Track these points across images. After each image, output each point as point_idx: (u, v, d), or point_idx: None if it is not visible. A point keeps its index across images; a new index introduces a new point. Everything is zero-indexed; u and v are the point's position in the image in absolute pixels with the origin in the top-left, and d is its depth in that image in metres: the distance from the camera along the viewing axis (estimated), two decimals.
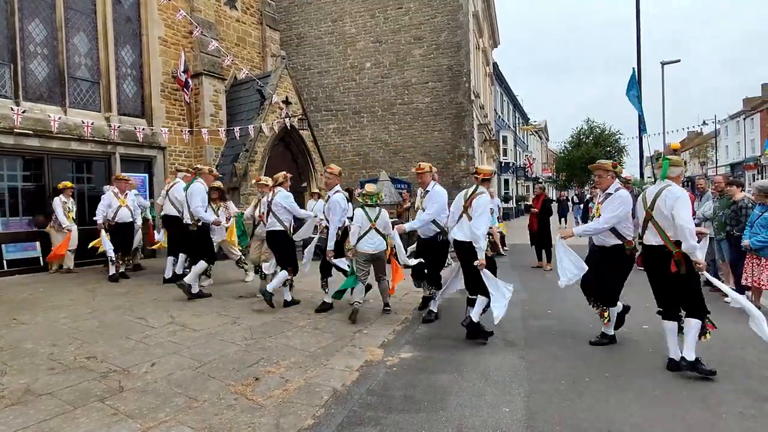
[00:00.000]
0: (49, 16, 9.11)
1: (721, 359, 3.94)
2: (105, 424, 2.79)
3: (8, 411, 2.95)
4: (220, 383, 3.40)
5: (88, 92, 9.76)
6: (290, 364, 3.78)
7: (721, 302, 6.05)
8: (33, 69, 8.89)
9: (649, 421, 2.89)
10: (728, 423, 2.87)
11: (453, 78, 14.57)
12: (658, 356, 4.00)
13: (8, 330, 4.77)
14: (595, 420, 2.91)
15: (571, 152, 36.25)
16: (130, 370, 3.65)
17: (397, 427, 2.83)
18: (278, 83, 11.35)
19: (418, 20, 14.90)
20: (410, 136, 15.23)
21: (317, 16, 16.05)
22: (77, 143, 9.14)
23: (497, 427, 2.83)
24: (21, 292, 6.78)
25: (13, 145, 8.35)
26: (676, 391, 3.33)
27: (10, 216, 8.48)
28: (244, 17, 13.17)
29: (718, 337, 4.53)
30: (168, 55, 10.83)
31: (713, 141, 45.06)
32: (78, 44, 9.61)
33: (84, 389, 3.28)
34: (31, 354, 4.02)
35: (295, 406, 3.05)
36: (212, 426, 2.78)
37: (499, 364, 3.89)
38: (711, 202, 6.88)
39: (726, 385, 3.42)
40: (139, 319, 5.19)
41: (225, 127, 11.20)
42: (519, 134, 35.28)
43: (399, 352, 4.19)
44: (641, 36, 12.31)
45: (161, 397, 3.17)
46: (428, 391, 3.34)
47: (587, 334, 4.65)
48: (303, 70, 16.20)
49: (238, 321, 5.09)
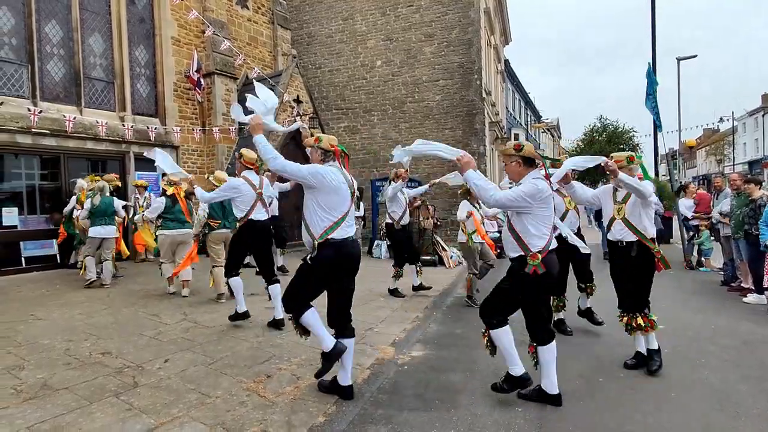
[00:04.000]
0: (65, 17, 9.25)
1: (738, 360, 3.86)
2: (120, 419, 2.83)
3: (26, 405, 3.00)
4: (232, 380, 3.42)
5: (103, 92, 9.90)
6: (302, 362, 3.80)
7: (739, 302, 5.95)
8: (50, 69, 9.04)
9: (664, 423, 2.84)
10: (745, 425, 2.81)
11: (464, 75, 14.47)
12: (674, 356, 3.94)
13: (26, 326, 4.87)
14: (608, 420, 2.87)
15: (583, 150, 35.81)
16: (144, 366, 3.69)
17: (408, 426, 2.83)
18: (289, 82, 11.40)
19: (429, 18, 14.83)
20: (421, 134, 15.14)
21: (328, 14, 16.05)
22: (93, 142, 9.29)
23: (509, 426, 2.81)
24: (38, 288, 6.92)
25: (31, 145, 8.51)
26: (692, 392, 3.27)
27: (28, 214, 8.66)
28: (255, 16, 13.24)
29: (735, 338, 4.46)
30: (181, 55, 10.94)
31: (730, 138, 44.13)
32: (93, 45, 9.75)
33: (99, 384, 3.33)
34: (48, 349, 4.10)
35: (306, 403, 3.06)
36: (224, 422, 2.80)
37: None
38: (729, 199, 6.75)
39: (743, 386, 3.35)
40: (152, 315, 5.26)
41: (237, 125, 11.29)
42: (531, 132, 34.97)
43: (410, 351, 4.18)
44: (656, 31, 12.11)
45: (174, 393, 3.20)
46: (439, 390, 3.33)
47: (600, 333, 4.60)
48: (314, 68, 16.23)
49: (251, 318, 5.12)
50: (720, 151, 48.96)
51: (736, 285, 6.66)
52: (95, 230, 6.86)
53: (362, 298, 6.15)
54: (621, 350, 4.13)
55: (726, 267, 7.18)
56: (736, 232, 6.20)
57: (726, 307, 5.74)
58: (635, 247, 3.60)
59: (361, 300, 6.00)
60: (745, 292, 6.18)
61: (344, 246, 3.05)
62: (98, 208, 6.85)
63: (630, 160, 3.64)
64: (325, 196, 3.05)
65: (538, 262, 2.85)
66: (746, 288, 6.30)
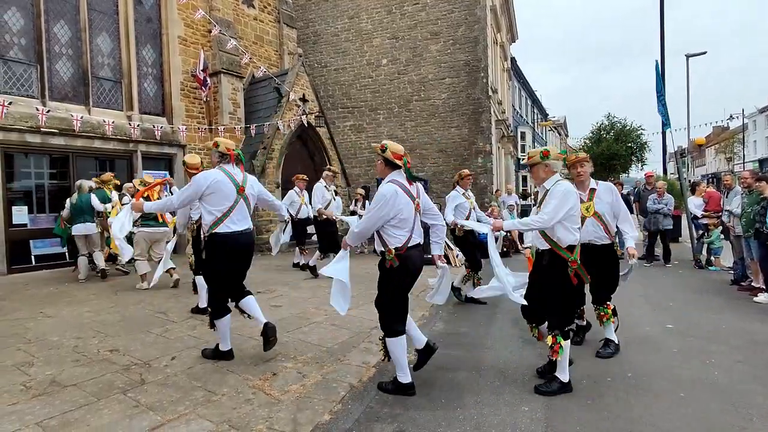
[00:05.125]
0: (73, 17, 9.33)
1: (748, 360, 3.81)
2: (127, 415, 2.84)
3: (35, 401, 3.03)
4: (238, 377, 3.43)
5: (111, 91, 9.97)
6: (307, 360, 3.80)
7: (749, 302, 5.88)
8: (58, 69, 9.12)
9: (673, 423, 2.81)
10: (757, 426, 2.77)
11: (470, 73, 14.41)
12: (684, 356, 3.90)
13: (35, 323, 4.92)
14: (616, 420, 2.84)
15: (591, 148, 35.52)
16: (151, 363, 3.71)
17: (414, 424, 2.82)
18: (295, 81, 11.41)
19: (435, 15, 14.78)
20: (427, 132, 15.13)
21: (334, 13, 16.06)
22: (100, 141, 9.36)
23: (516, 426, 2.79)
24: (47, 286, 6.99)
25: (40, 144, 8.59)
26: (702, 393, 3.22)
27: (37, 213, 8.75)
28: (261, 15, 13.26)
29: (745, 337, 4.40)
30: (187, 54, 10.99)
31: (740, 136, 43.59)
32: (101, 44, 9.83)
33: (107, 381, 3.35)
34: (57, 346, 4.14)
35: (312, 401, 3.06)
36: (230, 420, 2.80)
37: (518, 362, 3.84)
38: (740, 198, 6.66)
39: (755, 386, 3.30)
40: (159, 313, 5.29)
41: (243, 124, 11.32)
42: (537, 130, 34.77)
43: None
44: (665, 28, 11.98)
45: (181, 390, 3.21)
46: (445, 389, 3.32)
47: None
48: (320, 67, 16.25)
49: (251, 318, 5.13)
50: (730, 149, 48.39)
51: (746, 284, 6.57)
52: (76, 228, 7.15)
53: (369, 296, 6.14)
54: (629, 350, 4.09)
55: (736, 266, 7.09)
56: (747, 230, 6.12)
57: (736, 306, 5.67)
58: (547, 255, 3.30)
59: (367, 298, 5.99)
60: (756, 292, 6.10)
61: (230, 238, 3.56)
62: (76, 206, 7.15)
63: (544, 155, 3.26)
64: (207, 197, 3.57)
65: (392, 256, 3.10)
66: (756, 287, 6.22)
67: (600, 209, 3.86)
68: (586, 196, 3.90)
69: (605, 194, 3.92)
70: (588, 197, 3.90)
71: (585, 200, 3.86)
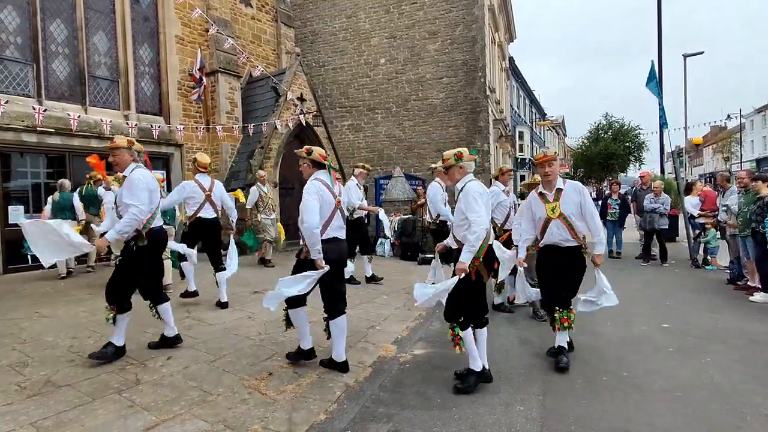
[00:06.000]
0: (69, 16, 9.28)
1: (745, 360, 3.82)
2: (121, 416, 2.83)
3: (29, 402, 3.02)
4: (234, 377, 3.42)
5: (108, 90, 9.93)
6: (303, 360, 3.79)
7: (746, 301, 5.89)
8: (54, 68, 9.08)
9: (669, 422, 2.81)
10: (752, 425, 2.77)
11: (468, 73, 14.41)
12: (680, 355, 3.90)
13: (30, 323, 4.89)
14: (611, 419, 2.84)
15: (589, 148, 35.59)
16: (147, 363, 3.70)
17: (410, 424, 2.81)
18: (293, 80, 11.38)
19: (432, 15, 14.77)
20: (424, 132, 15.12)
21: (331, 12, 16.04)
22: (97, 141, 9.31)
23: (511, 425, 2.79)
24: (43, 286, 6.96)
25: (37, 143, 8.55)
26: (698, 392, 3.23)
27: (33, 212, 8.70)
28: (259, 15, 13.23)
29: (742, 337, 4.41)
30: (185, 53, 10.95)
31: (737, 135, 43.70)
32: (98, 43, 9.78)
33: (102, 381, 3.34)
34: (52, 346, 4.12)
35: (307, 401, 3.06)
36: (226, 420, 2.80)
37: (514, 362, 3.84)
38: (736, 196, 6.68)
39: (752, 385, 3.31)
40: (155, 313, 5.26)
41: (240, 124, 11.30)
42: (535, 130, 34.78)
43: (412, 349, 4.16)
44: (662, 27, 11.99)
45: (176, 390, 3.21)
46: (441, 388, 3.31)
47: (604, 332, 4.56)
48: (317, 66, 16.23)
49: (253, 316, 5.12)
50: (727, 149, 48.53)
51: (743, 283, 6.59)
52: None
53: (365, 296, 6.15)
54: (625, 350, 4.10)
55: (732, 265, 7.11)
56: (743, 230, 6.14)
57: (733, 306, 5.68)
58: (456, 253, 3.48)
59: (364, 298, 6.00)
60: (752, 291, 6.11)
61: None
62: (58, 204, 7.35)
63: (458, 157, 3.36)
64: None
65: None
66: (753, 287, 6.24)
67: (566, 210, 3.67)
68: (552, 196, 3.74)
69: (573, 194, 3.71)
70: (554, 197, 3.72)
71: (551, 201, 3.72)
